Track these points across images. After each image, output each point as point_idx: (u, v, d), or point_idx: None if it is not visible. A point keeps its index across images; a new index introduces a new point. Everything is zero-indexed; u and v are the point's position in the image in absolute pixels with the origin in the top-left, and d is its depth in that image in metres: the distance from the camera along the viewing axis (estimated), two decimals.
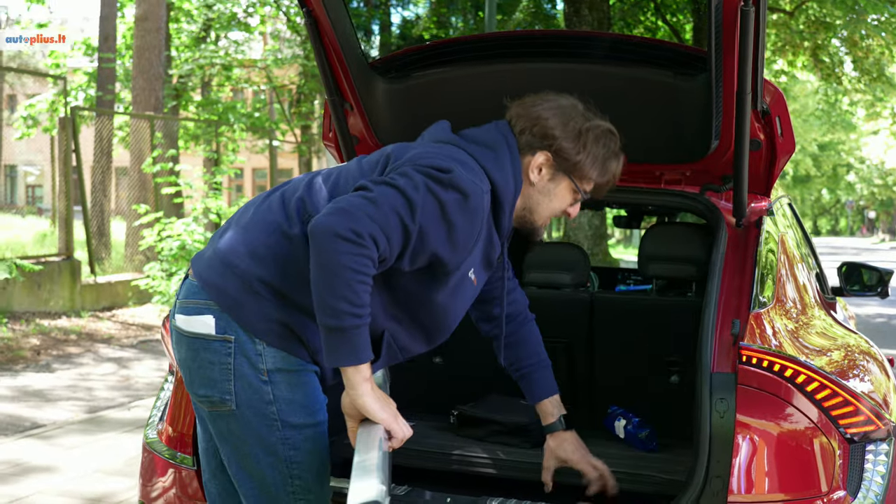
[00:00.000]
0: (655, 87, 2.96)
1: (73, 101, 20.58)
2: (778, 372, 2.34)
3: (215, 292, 2.20)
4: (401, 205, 2.07)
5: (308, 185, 2.29)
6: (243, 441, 2.21)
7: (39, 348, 9.13)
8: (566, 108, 2.38)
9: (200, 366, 2.20)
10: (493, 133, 2.36)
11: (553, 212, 2.43)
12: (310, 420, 2.22)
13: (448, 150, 2.25)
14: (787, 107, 2.99)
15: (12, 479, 5.04)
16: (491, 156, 2.29)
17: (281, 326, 2.18)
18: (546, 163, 2.35)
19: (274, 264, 2.19)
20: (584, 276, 3.49)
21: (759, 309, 2.60)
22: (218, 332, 2.18)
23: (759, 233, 2.87)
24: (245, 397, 2.18)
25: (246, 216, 2.30)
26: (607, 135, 2.40)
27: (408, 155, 2.24)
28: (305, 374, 2.23)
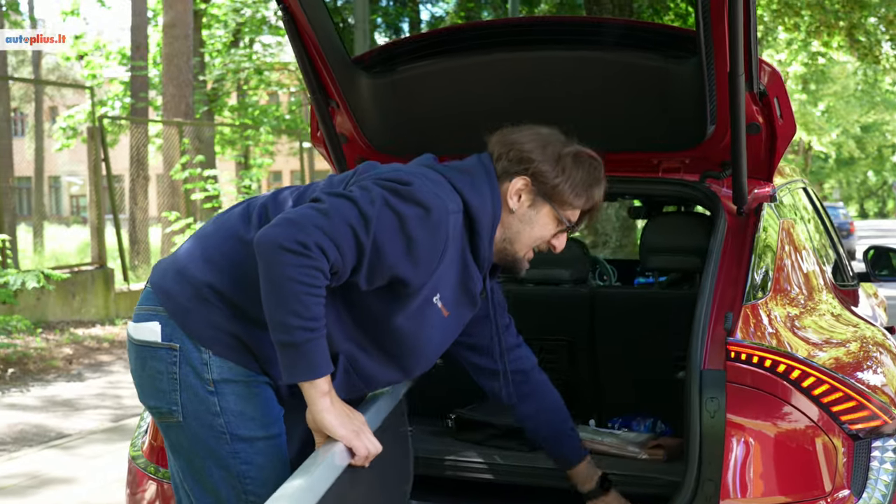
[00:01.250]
0: (646, 71, 2.83)
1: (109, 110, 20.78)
2: (770, 368, 2.21)
3: (164, 297, 2.13)
4: (354, 217, 1.99)
5: (274, 195, 2.23)
6: (194, 454, 2.13)
7: (72, 357, 9.18)
8: (544, 134, 2.29)
9: (149, 375, 2.13)
10: (472, 161, 2.29)
11: (534, 241, 2.30)
12: (262, 433, 2.12)
13: (419, 170, 2.17)
14: (784, 87, 2.85)
15: (30, 491, 5.03)
16: (467, 179, 2.21)
17: (230, 337, 2.10)
18: (525, 188, 2.24)
19: (227, 271, 2.11)
20: (584, 271, 3.37)
21: (755, 300, 2.47)
22: (164, 339, 2.10)
23: (758, 220, 2.74)
24: (192, 408, 2.10)
25: (208, 226, 2.24)
26: (587, 159, 2.30)
27: (375, 171, 2.17)
28: (256, 385, 2.13)
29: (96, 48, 22.66)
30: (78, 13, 24.07)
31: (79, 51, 22.91)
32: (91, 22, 56.22)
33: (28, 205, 31.19)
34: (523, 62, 2.94)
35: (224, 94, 21.49)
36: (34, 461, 5.63)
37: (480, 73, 3.02)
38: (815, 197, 4.15)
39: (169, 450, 2.20)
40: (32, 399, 7.56)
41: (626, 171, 3.06)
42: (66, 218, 33.72)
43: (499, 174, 2.25)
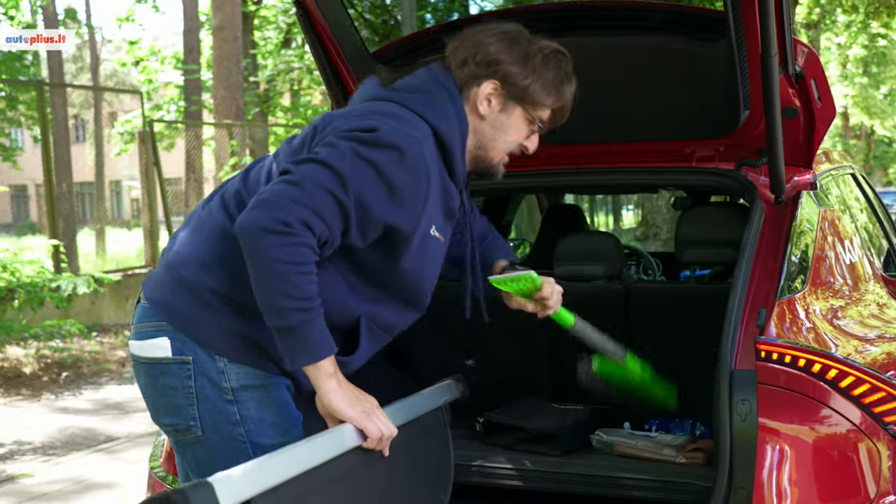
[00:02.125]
0: (674, 56, 2.70)
1: (164, 113, 21.02)
2: (805, 368, 2.07)
3: (166, 311, 2.03)
4: (328, 179, 1.89)
5: (244, 177, 2.12)
6: (214, 468, 2.02)
7: (125, 360, 9.24)
8: (510, 32, 2.17)
9: (162, 393, 2.04)
10: (423, 77, 2.16)
11: (509, 146, 2.21)
12: (282, 439, 2.04)
13: (374, 107, 2.05)
14: (822, 68, 2.70)
15: (73, 496, 5.04)
16: (424, 100, 2.10)
17: (241, 339, 2.02)
18: (495, 92, 2.15)
19: (223, 271, 2.01)
20: (619, 266, 3.24)
21: (792, 294, 2.33)
22: (174, 353, 2.01)
23: (795, 211, 2.59)
24: (210, 420, 2.02)
25: (189, 226, 2.14)
26: (557, 55, 2.19)
27: (333, 124, 2.03)
28: (274, 388, 2.06)
29: (151, 53, 22.96)
30: (133, 19, 24.47)
31: (134, 56, 23.25)
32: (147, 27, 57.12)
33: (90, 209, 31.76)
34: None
35: (277, 94, 21.60)
36: (80, 466, 5.65)
37: None
38: (865, 183, 3.96)
39: (185, 469, 2.10)
40: (84, 402, 7.62)
41: (657, 160, 2.93)
42: (127, 221, 34.23)
43: (463, 80, 2.15)
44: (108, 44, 33.25)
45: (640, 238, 9.16)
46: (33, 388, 8.01)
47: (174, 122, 15.79)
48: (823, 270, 2.57)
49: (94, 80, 28.96)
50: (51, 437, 6.40)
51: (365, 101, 2.14)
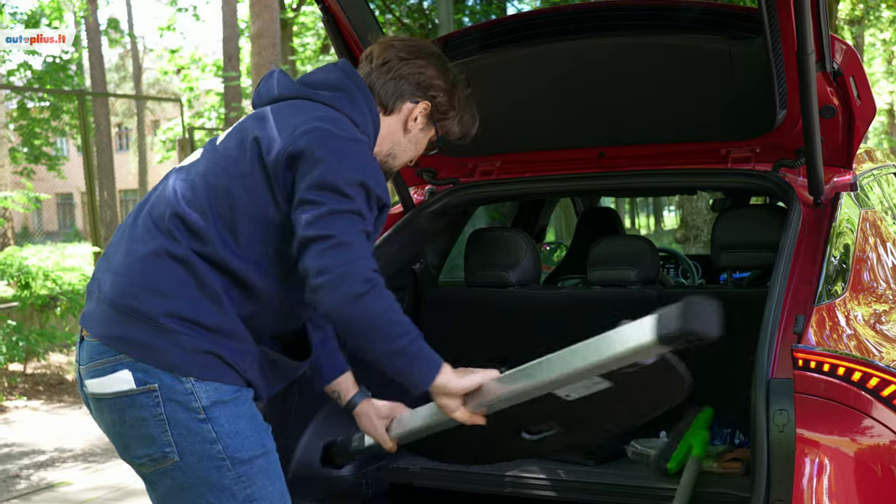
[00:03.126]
0: (708, 55, 2.63)
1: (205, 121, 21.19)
2: (844, 377, 1.99)
3: (121, 344, 1.99)
4: (360, 223, 2.01)
5: (171, 197, 2.07)
6: (195, 493, 2.00)
7: None
8: (440, 58, 2.27)
9: (132, 426, 1.99)
10: (338, 75, 2.19)
11: (412, 157, 2.33)
12: (259, 450, 2.03)
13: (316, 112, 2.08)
14: (861, 65, 2.61)
15: None
16: (346, 99, 2.16)
17: (205, 355, 1.99)
18: (423, 112, 2.24)
19: (177, 294, 1.99)
20: (653, 271, 3.17)
21: (831, 299, 2.25)
22: (138, 384, 1.97)
23: (834, 213, 2.51)
24: (186, 444, 1.97)
25: (119, 251, 2.09)
26: (471, 97, 2.33)
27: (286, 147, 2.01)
28: (243, 401, 2.04)
29: (192, 61, 23.15)
30: (174, 28, 24.69)
31: (176, 64, 23.47)
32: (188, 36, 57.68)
33: None
34: (576, 52, 2.77)
35: None
36: (119, 473, 5.66)
37: (531, 65, 2.86)
38: None
39: (164, 499, 2.05)
40: None
41: (692, 162, 2.86)
42: None
43: (393, 92, 2.21)
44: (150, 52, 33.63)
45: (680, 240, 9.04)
46: (75, 395, 8.07)
47: (213, 130, 15.88)
48: (865, 274, 2.48)
49: (137, 89, 29.32)
50: (91, 444, 6.44)
51: (283, 100, 2.16)
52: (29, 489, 5.38)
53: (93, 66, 20.74)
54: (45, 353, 8.68)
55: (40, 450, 6.31)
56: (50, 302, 8.72)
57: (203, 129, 18.78)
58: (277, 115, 2.10)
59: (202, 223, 2.01)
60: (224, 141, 2.14)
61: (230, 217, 2.02)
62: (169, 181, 2.13)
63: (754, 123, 2.73)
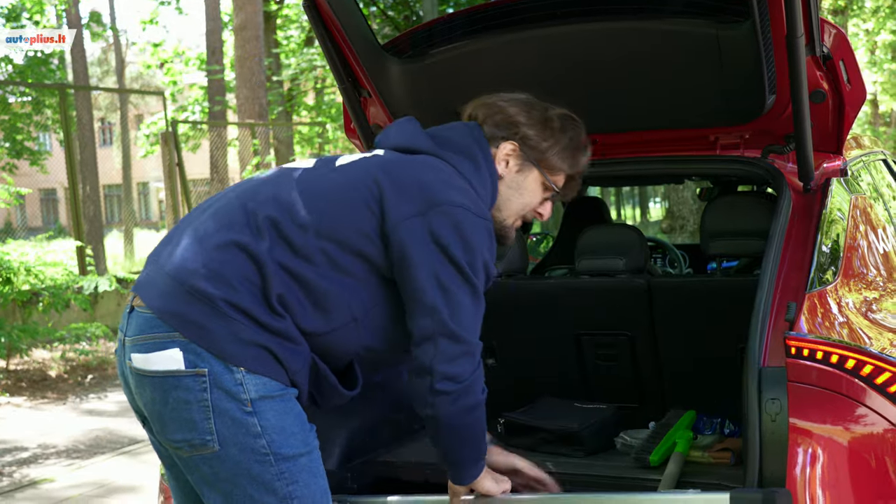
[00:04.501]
0: (695, 39, 2.59)
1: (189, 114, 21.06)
2: (838, 364, 1.95)
3: (176, 321, 1.93)
4: (480, 304, 2.05)
5: (271, 198, 2.04)
6: (233, 484, 1.96)
7: None
8: (525, 99, 2.25)
9: (174, 407, 1.93)
10: (466, 136, 2.18)
11: (524, 208, 2.24)
12: (304, 448, 1.99)
13: (442, 175, 2.07)
14: (851, 49, 2.58)
15: (95, 500, 5.00)
16: (472, 168, 2.13)
17: (257, 348, 1.94)
18: (513, 153, 2.18)
19: (240, 286, 1.94)
20: (641, 260, 3.13)
21: (822, 287, 2.21)
22: (188, 366, 1.91)
23: (825, 199, 2.48)
24: (229, 434, 1.92)
25: (198, 229, 2.03)
26: (572, 122, 2.24)
27: (414, 207, 2.01)
28: (289, 399, 1.99)
29: (176, 55, 23.00)
30: (157, 22, 24.52)
31: (159, 58, 23.31)
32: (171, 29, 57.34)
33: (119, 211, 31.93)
34: (562, 37, 2.72)
35: (301, 93, 21.57)
36: (103, 469, 5.61)
37: (518, 52, 2.81)
38: None
39: (199, 485, 2.00)
40: (110, 404, 7.61)
41: (679, 149, 2.83)
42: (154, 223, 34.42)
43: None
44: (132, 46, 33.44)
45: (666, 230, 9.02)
46: (59, 391, 8.00)
47: (196, 123, 15.77)
48: (856, 260, 2.45)
49: (120, 83, 29.12)
50: (75, 441, 6.38)
51: (409, 151, 2.14)
52: (11, 486, 5.32)
53: (75, 60, 20.54)
54: (28, 349, 8.59)
55: (23, 446, 6.25)
56: (32, 297, 8.63)
57: (187, 122, 18.66)
58: (403, 167, 2.09)
59: (296, 236, 1.99)
60: (346, 166, 2.11)
61: (333, 243, 2.00)
62: (272, 179, 2.10)
63: (743, 109, 2.69)
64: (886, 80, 23.89)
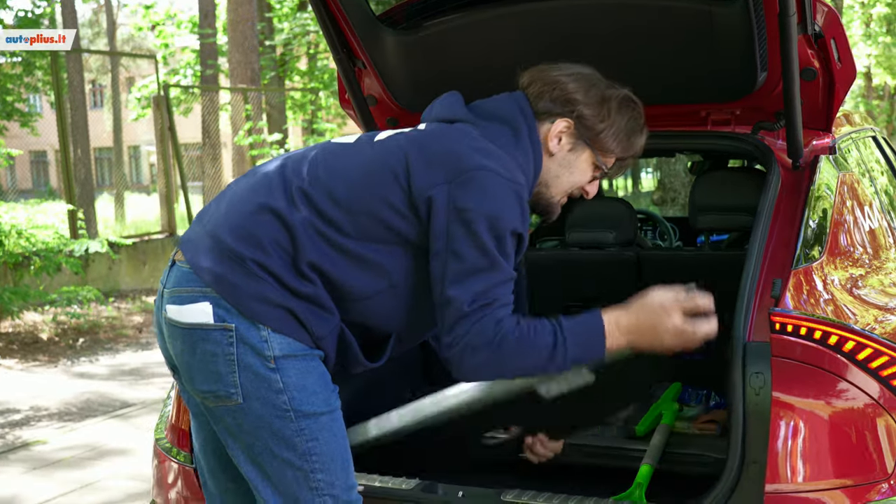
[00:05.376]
0: (688, 15, 2.60)
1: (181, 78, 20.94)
2: (821, 340, 1.99)
3: (209, 276, 2.01)
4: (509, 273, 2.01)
5: (319, 175, 2.08)
6: (255, 437, 2.02)
7: (142, 326, 9.27)
8: (587, 75, 2.19)
9: (202, 359, 2.01)
10: (510, 106, 2.16)
11: (571, 186, 2.21)
12: (325, 407, 2.04)
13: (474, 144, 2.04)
14: (843, 27, 2.60)
15: (87, 463, 5.05)
16: (511, 136, 2.10)
17: (282, 310, 2.00)
18: (567, 131, 2.15)
19: (272, 250, 2.01)
20: (631, 233, 3.16)
21: (808, 263, 2.25)
22: (216, 320, 1.99)
23: (813, 176, 2.50)
24: (252, 389, 2.00)
25: (240, 190, 2.11)
26: (631, 104, 2.20)
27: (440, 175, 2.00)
28: (313, 359, 2.05)
29: (167, 17, 22.82)
30: None
31: (150, 20, 23.11)
32: None
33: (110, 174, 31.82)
34: (555, 11, 2.73)
35: (293, 58, 21.45)
36: (95, 432, 5.66)
37: (511, 26, 2.82)
38: (888, 146, 3.86)
39: (223, 435, 2.08)
40: (101, 368, 7.65)
41: (670, 124, 2.85)
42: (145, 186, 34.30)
43: (537, 114, 2.15)
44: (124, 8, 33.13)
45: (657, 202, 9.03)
46: (50, 354, 8.04)
47: (188, 87, 15.69)
48: (842, 238, 2.49)
49: (111, 45, 28.91)
50: (66, 404, 6.42)
51: (446, 121, 2.15)
52: (4, 448, 5.37)
53: (66, 22, 20.34)
54: (19, 311, 8.61)
55: (15, 408, 6.29)
56: (23, 260, 8.64)
57: (179, 86, 18.56)
58: (433, 136, 2.10)
59: (329, 209, 2.02)
60: (383, 142, 2.13)
61: (362, 219, 2.02)
62: (315, 152, 2.14)
63: (735, 85, 2.71)
64: (881, 54, 23.85)
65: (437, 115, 2.20)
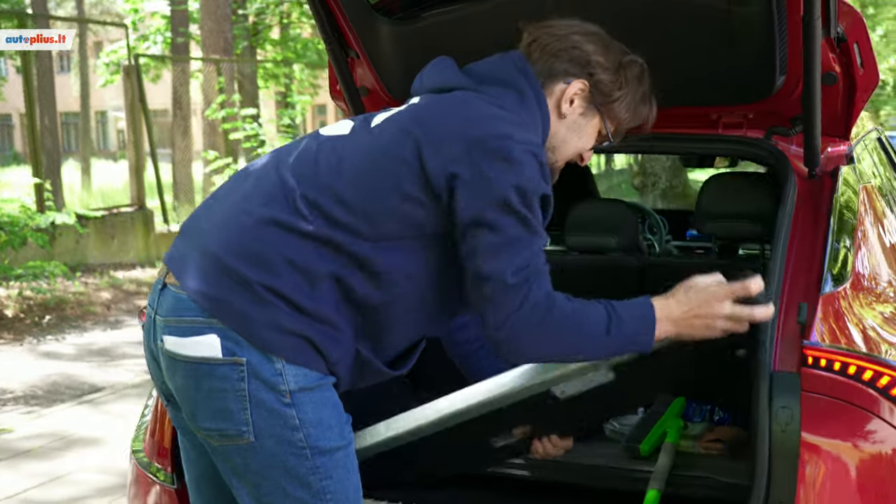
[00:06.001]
0: (706, 14, 2.47)
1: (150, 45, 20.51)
2: (855, 375, 1.87)
3: (212, 304, 1.81)
4: (540, 243, 1.86)
5: (310, 171, 1.89)
6: (265, 477, 1.86)
7: (110, 303, 9.06)
8: (601, 35, 2.04)
9: (208, 396, 1.82)
10: (507, 67, 1.99)
11: (577, 151, 2.07)
12: (340, 442, 1.88)
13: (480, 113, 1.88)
14: (867, 31, 2.48)
15: (55, 453, 4.88)
16: (517, 99, 1.94)
17: (296, 338, 1.82)
18: (581, 93, 1.99)
19: (282, 270, 1.81)
20: (633, 236, 3.03)
21: (837, 287, 2.12)
22: (225, 354, 1.80)
23: (835, 186, 2.38)
24: (265, 426, 1.82)
25: (237, 200, 1.90)
26: (645, 73, 2.07)
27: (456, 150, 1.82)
28: (327, 388, 1.88)
29: None
30: None
31: None
32: None
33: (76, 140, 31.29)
34: (560, 4, 2.57)
35: (266, 28, 21.09)
36: (63, 419, 5.48)
37: (513, 18, 2.67)
38: (889, 145, 3.75)
39: (227, 474, 1.91)
40: (68, 347, 7.46)
41: (680, 126, 2.71)
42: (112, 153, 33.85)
43: (548, 72, 1.99)
44: None
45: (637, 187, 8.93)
46: (15, 332, 7.82)
47: (160, 57, 15.36)
48: (868, 257, 2.37)
49: (79, 10, 28.29)
50: (32, 387, 6.24)
51: (443, 91, 1.98)
52: None
53: None
54: None
55: None
56: None
57: (149, 55, 18.18)
58: (439, 111, 1.91)
59: (337, 212, 1.83)
60: (382, 125, 1.94)
61: (376, 217, 1.84)
62: (310, 148, 1.94)
63: (751, 88, 2.58)
64: None
65: (430, 84, 2.03)
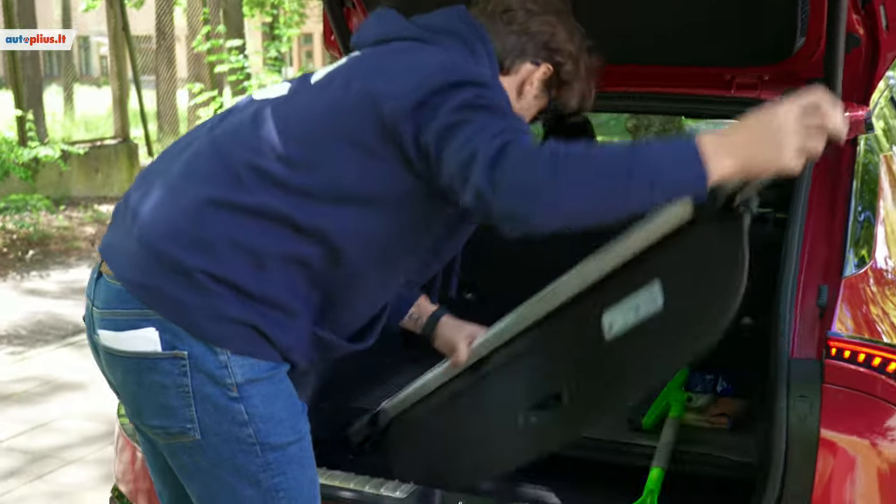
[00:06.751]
0: None
1: None
2: (880, 367, 1.78)
3: (149, 295, 1.66)
4: (506, 112, 1.64)
5: (250, 139, 1.72)
6: (214, 476, 1.74)
7: (94, 238, 8.92)
8: (567, 16, 1.93)
9: (150, 391, 1.70)
10: (455, 22, 1.83)
11: None
12: (293, 436, 1.75)
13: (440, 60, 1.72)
14: None
15: (40, 398, 4.80)
16: (466, 52, 1.80)
17: (242, 327, 1.67)
18: (544, 77, 1.90)
19: (227, 254, 1.65)
20: None
21: (855, 271, 2.03)
22: (165, 347, 1.66)
23: (854, 156, 2.28)
24: (211, 423, 1.69)
25: (170, 178, 1.74)
26: (598, 63, 1.97)
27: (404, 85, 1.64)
28: (279, 379, 1.74)
29: None
30: None
31: None
32: None
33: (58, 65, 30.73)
34: None
35: None
36: (48, 362, 5.40)
37: None
38: None
39: (179, 472, 1.80)
40: (52, 284, 7.35)
41: (691, 86, 2.60)
42: (96, 79, 33.27)
43: (514, 49, 1.86)
44: None
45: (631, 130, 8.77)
46: None
47: None
48: (893, 235, 2.27)
49: None
50: (16, 326, 6.14)
51: (392, 41, 1.82)
52: None
53: None
54: None
55: None
56: None
57: None
58: (388, 59, 1.76)
59: (289, 176, 1.67)
60: (324, 81, 1.77)
61: (331, 175, 1.67)
62: (247, 114, 1.76)
63: (768, 50, 2.47)
64: None
65: (376, 34, 1.87)
